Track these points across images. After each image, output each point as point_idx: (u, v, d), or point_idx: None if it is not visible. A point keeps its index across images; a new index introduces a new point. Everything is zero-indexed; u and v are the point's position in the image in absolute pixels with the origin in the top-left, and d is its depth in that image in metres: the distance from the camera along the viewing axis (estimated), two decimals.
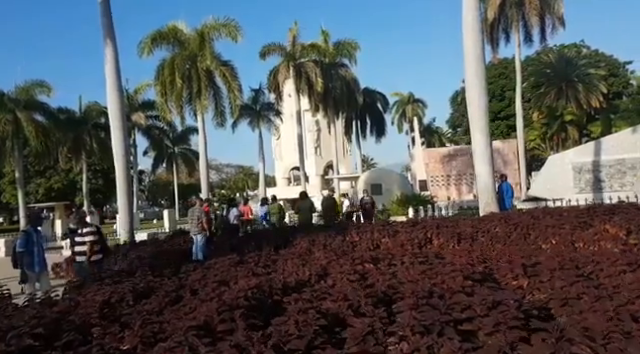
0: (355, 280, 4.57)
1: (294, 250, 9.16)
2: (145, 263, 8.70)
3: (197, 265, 7.61)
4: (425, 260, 5.39)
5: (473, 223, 9.47)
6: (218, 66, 23.44)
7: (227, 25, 23.06)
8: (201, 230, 11.81)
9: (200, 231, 11.80)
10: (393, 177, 28.47)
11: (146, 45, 22.38)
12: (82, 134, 36.26)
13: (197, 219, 11.99)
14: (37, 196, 45.70)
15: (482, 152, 13.67)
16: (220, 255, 8.80)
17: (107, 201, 54.16)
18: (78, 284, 6.95)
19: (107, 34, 14.76)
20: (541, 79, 43.66)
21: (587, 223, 7.86)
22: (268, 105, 35.24)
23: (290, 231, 12.58)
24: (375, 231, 9.80)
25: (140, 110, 39.90)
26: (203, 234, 11.83)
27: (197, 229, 11.90)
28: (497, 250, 7.65)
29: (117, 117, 14.86)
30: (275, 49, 31.09)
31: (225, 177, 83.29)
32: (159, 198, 73.16)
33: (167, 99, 23.28)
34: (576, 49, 49.19)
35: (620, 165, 21.70)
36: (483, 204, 13.44)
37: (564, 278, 3.76)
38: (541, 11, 27.41)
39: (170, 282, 5.82)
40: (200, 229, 11.81)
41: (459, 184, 43.09)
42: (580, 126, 43.13)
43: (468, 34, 13.67)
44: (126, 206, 14.89)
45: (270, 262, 6.89)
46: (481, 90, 13.75)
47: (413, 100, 54.62)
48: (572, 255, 5.21)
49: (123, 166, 14.92)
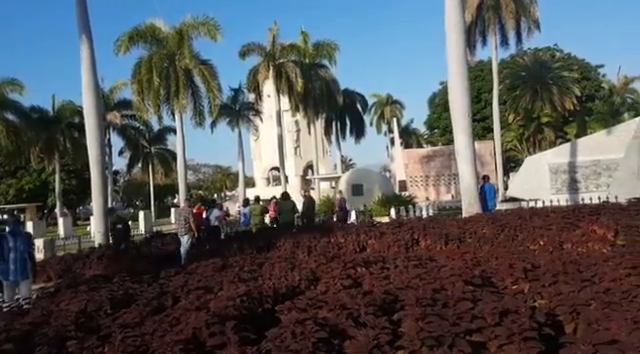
0: (349, 285, 4.37)
1: (279, 253, 8.92)
2: (122, 268, 8.33)
3: (179, 269, 7.30)
4: (418, 263, 5.22)
5: (459, 224, 9.39)
6: (197, 65, 22.98)
7: (206, 24, 22.63)
8: (188, 231, 11.81)
9: (187, 232, 11.79)
10: (374, 177, 28.44)
11: (123, 43, 21.77)
12: (55, 134, 35.23)
13: (184, 220, 11.95)
14: (7, 197, 44.16)
15: (465, 153, 13.66)
16: (202, 258, 8.51)
17: (80, 202, 52.72)
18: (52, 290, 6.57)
19: (83, 31, 14.28)
20: (516, 81, 44.33)
21: (574, 224, 7.84)
22: (248, 105, 34.84)
23: (272, 233, 12.35)
24: (361, 232, 9.63)
25: (116, 109, 38.96)
26: (190, 235, 11.80)
27: (184, 230, 11.81)
28: (485, 251, 7.57)
29: (93, 116, 14.35)
30: (255, 49, 30.79)
31: (202, 177, 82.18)
32: (134, 199, 71.65)
33: (144, 98, 22.68)
34: (550, 52, 50.15)
35: (595, 166, 22.08)
36: (466, 205, 13.42)
37: (569, 282, 3.63)
38: (517, 14, 27.79)
39: (150, 289, 5.52)
40: (187, 230, 11.81)
41: (437, 184, 43.48)
42: (556, 128, 43.97)
43: (451, 36, 13.64)
44: (101, 207, 14.37)
45: (256, 266, 6.63)
46: (464, 91, 13.74)
47: (391, 101, 54.94)
48: (572, 257, 5.11)
49: (98, 167, 14.41)
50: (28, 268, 7.48)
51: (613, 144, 20.90)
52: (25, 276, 7.43)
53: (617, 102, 46.46)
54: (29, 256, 7.55)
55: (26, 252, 7.46)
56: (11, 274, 7.30)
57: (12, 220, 8.06)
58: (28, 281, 7.52)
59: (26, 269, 7.44)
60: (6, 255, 7.29)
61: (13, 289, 7.36)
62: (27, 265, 7.45)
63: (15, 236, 7.48)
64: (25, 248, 7.46)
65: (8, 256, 7.29)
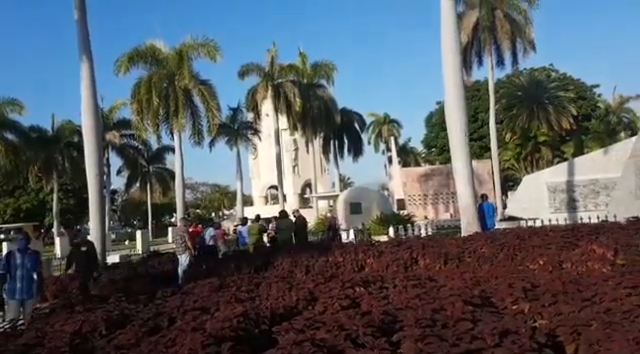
0: (347, 306, 4.32)
1: (276, 272, 8.85)
2: (119, 288, 8.25)
3: (175, 289, 7.23)
4: (417, 283, 5.18)
5: (458, 243, 9.34)
6: (196, 85, 23.20)
7: (206, 45, 22.93)
8: (185, 249, 11.77)
9: (184, 251, 11.76)
10: (372, 196, 28.37)
11: (123, 63, 22.01)
12: (54, 153, 35.28)
13: (181, 239, 11.94)
14: (5, 216, 43.99)
15: (462, 172, 13.68)
16: (199, 278, 8.43)
17: (78, 221, 52.48)
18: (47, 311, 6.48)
19: (83, 51, 14.42)
20: (513, 101, 44.77)
21: (573, 243, 7.80)
22: (246, 124, 35.04)
23: (270, 252, 12.26)
24: (359, 251, 9.57)
25: (115, 129, 39.12)
26: (187, 253, 11.76)
27: (181, 249, 11.88)
28: (485, 271, 7.52)
29: (92, 136, 14.37)
30: (253, 69, 31.16)
31: (200, 196, 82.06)
32: (132, 218, 71.39)
33: (143, 118, 22.82)
34: (546, 72, 50.77)
35: (593, 185, 22.12)
36: (465, 224, 13.39)
37: (569, 302, 3.60)
38: (512, 35, 28.18)
39: (146, 309, 5.45)
40: (184, 248, 11.78)
41: (436, 203, 43.48)
42: (553, 147, 44.22)
43: (447, 57, 13.78)
44: (98, 228, 14.30)
45: (253, 286, 6.57)
46: (460, 111, 13.83)
47: (389, 120, 55.34)
48: (572, 277, 5.07)
49: (97, 186, 14.38)
50: (34, 287, 7.28)
51: (610, 163, 20.97)
52: (30, 295, 7.22)
53: (613, 121, 46.87)
54: (37, 275, 7.36)
55: (33, 270, 7.27)
56: (17, 292, 7.10)
57: (21, 237, 7.87)
58: (33, 300, 7.31)
59: (32, 288, 7.23)
60: (13, 272, 7.10)
61: (17, 308, 7.13)
62: (33, 284, 7.25)
63: (23, 253, 7.29)
64: (32, 266, 7.26)
65: (15, 273, 7.10)
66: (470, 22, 28.09)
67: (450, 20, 13.77)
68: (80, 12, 14.50)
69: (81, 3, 14.51)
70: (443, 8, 13.72)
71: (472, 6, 28.42)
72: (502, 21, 27.61)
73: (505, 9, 27.98)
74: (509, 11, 28.03)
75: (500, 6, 27.97)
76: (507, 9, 28.02)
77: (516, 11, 27.97)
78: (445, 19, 13.72)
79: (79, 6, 14.49)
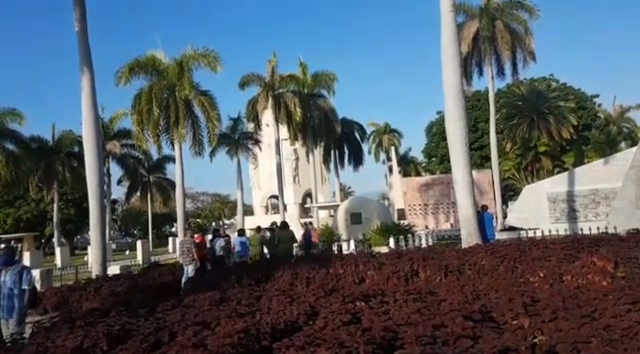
0: (348, 321, 4.33)
1: (277, 285, 8.84)
2: (119, 301, 8.24)
3: (175, 303, 7.22)
4: (418, 297, 5.19)
5: (459, 255, 9.34)
6: (197, 95, 23.29)
7: (206, 55, 23.05)
8: (192, 260, 11.83)
9: (191, 261, 11.82)
10: (373, 206, 28.37)
11: (123, 74, 22.12)
12: (54, 163, 35.37)
13: (187, 250, 12.01)
14: (5, 227, 43.91)
15: (463, 182, 13.69)
16: (200, 290, 8.43)
17: (78, 231, 52.45)
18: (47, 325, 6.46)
19: (84, 62, 14.49)
20: (513, 111, 44.90)
21: (573, 255, 7.81)
22: (247, 134, 35.14)
23: (270, 264, 12.24)
24: (360, 263, 9.56)
25: (115, 139, 39.27)
26: (194, 264, 11.82)
27: (188, 259, 11.84)
28: (485, 284, 7.51)
29: (92, 146, 14.41)
30: (254, 79, 31.30)
31: (201, 206, 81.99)
32: (132, 228, 71.34)
33: (144, 128, 22.88)
34: (546, 82, 50.96)
35: (594, 195, 22.15)
36: (465, 235, 13.38)
37: (568, 318, 3.61)
38: (512, 46, 28.31)
39: (147, 323, 5.45)
40: (191, 259, 11.84)
41: (436, 213, 43.46)
42: (553, 157, 44.27)
43: (448, 67, 13.86)
44: (99, 238, 14.29)
45: (254, 299, 6.57)
46: (460, 121, 13.87)
47: (389, 130, 55.50)
48: (572, 292, 5.08)
49: (97, 196, 14.39)
50: (15, 308, 6.56)
51: (611, 173, 21.03)
52: (10, 315, 6.57)
53: (613, 131, 46.97)
54: (26, 292, 6.64)
55: (15, 288, 6.58)
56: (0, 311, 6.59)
57: (4, 252, 7.24)
58: (13, 321, 6.58)
59: (12, 308, 6.55)
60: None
61: (5, 326, 6.66)
62: (14, 304, 6.56)
63: (6, 269, 6.70)
64: (13, 283, 6.59)
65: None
66: (470, 32, 28.25)
67: (450, 30, 13.87)
68: (81, 24, 14.60)
69: (82, 15, 14.62)
70: (443, 19, 13.83)
71: (472, 16, 28.63)
72: (502, 32, 27.76)
73: (505, 20, 28.15)
74: (509, 22, 28.18)
75: (500, 17, 28.16)
76: (507, 20, 28.19)
77: (516, 22, 28.13)
78: (445, 29, 13.83)
79: (80, 18, 14.59)
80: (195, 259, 12.08)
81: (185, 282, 11.56)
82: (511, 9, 28.20)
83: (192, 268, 11.94)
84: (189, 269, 11.97)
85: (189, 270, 11.94)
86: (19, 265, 6.99)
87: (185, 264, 12.19)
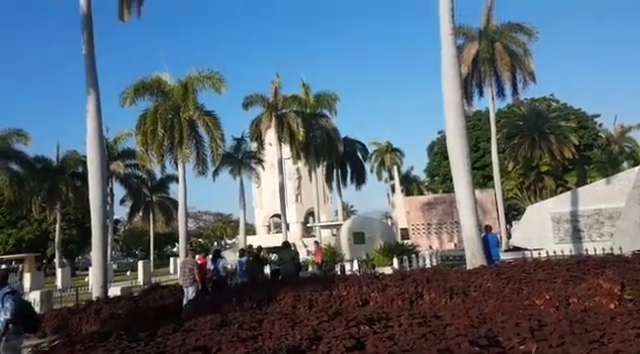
0: (351, 346, 4.26)
1: (279, 307, 8.74)
2: (120, 323, 8.14)
3: (176, 326, 7.12)
4: (423, 321, 5.11)
5: (464, 277, 9.24)
6: (201, 116, 23.45)
7: (211, 77, 23.29)
8: (193, 282, 11.66)
9: (192, 283, 11.66)
10: (375, 225, 28.23)
11: (129, 95, 22.32)
12: (58, 183, 35.45)
13: (189, 271, 11.83)
14: (6, 247, 43.77)
15: (466, 202, 13.60)
16: (201, 313, 8.33)
17: (80, 252, 52.23)
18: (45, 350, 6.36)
19: (90, 84, 14.67)
20: (514, 131, 44.99)
21: (579, 277, 7.71)
22: (250, 153, 35.29)
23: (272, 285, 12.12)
24: (363, 285, 9.46)
25: (119, 159, 39.45)
26: (195, 286, 11.65)
27: (189, 281, 11.66)
28: (491, 306, 7.41)
29: (96, 167, 14.45)
30: (257, 100, 31.63)
31: (203, 225, 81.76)
32: (134, 248, 71.03)
33: (148, 148, 22.99)
34: (546, 102, 51.21)
35: (597, 215, 21.98)
36: (469, 255, 13.24)
37: (576, 344, 3.54)
38: (512, 67, 28.50)
39: (148, 348, 5.38)
40: (192, 281, 11.67)
41: (440, 233, 43.18)
42: (556, 176, 44.18)
43: (448, 88, 13.93)
44: (101, 259, 14.21)
45: (255, 323, 6.48)
46: (462, 141, 13.85)
47: (391, 149, 55.60)
48: (579, 315, 5.00)
49: (100, 217, 14.37)
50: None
51: (614, 193, 20.90)
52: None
53: (615, 151, 46.96)
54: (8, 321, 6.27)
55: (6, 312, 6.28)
56: None
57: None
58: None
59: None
60: None
61: None
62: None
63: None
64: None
65: None
66: (470, 54, 28.52)
67: (450, 53, 13.99)
68: (88, 46, 14.85)
69: (89, 38, 14.88)
70: (443, 41, 13.96)
71: (472, 39, 28.92)
72: (502, 53, 28.01)
73: (504, 42, 28.43)
74: (508, 44, 28.46)
75: (499, 39, 28.44)
76: (506, 42, 28.47)
77: (515, 44, 28.39)
78: (445, 52, 13.95)
79: (87, 40, 14.86)
80: (196, 280, 11.91)
81: (186, 304, 11.41)
82: (510, 31, 28.51)
83: (193, 290, 11.77)
84: (189, 291, 11.78)
85: (190, 292, 11.76)
86: (4, 290, 6.62)
87: (185, 286, 11.99)
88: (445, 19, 13.83)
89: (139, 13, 17.19)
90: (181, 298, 12.29)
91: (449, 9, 13.79)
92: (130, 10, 16.93)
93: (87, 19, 14.82)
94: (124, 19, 16.94)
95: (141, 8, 17.18)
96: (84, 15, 14.81)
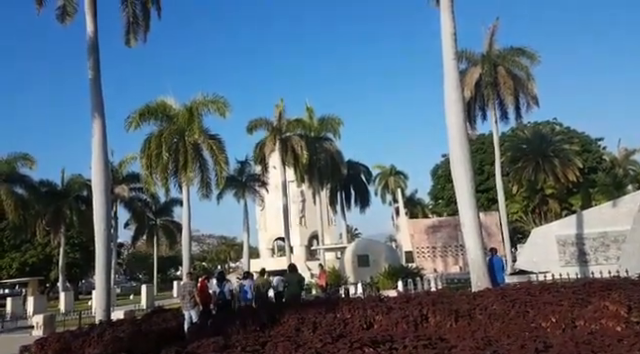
0: None
1: (283, 330, 8.68)
2: (122, 347, 8.10)
3: (179, 349, 7.09)
4: (428, 343, 5.08)
5: (469, 299, 9.15)
6: (206, 140, 23.65)
7: (216, 102, 23.58)
8: (194, 305, 11.60)
9: (193, 306, 11.58)
10: (380, 248, 28.05)
11: (134, 120, 22.58)
12: (62, 207, 35.60)
13: (189, 294, 11.78)
14: (10, 271, 43.59)
15: (470, 226, 13.57)
16: (204, 335, 8.28)
17: (83, 275, 51.98)
18: None
19: (95, 109, 14.84)
20: (518, 154, 45.05)
21: (585, 300, 7.64)
22: (254, 176, 35.42)
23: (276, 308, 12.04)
24: (368, 308, 9.39)
25: (124, 182, 39.63)
26: (197, 309, 11.58)
27: (190, 304, 11.62)
28: (496, 329, 7.34)
29: (101, 191, 14.50)
30: (262, 123, 31.96)
31: (207, 248, 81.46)
32: (137, 272, 70.68)
33: (152, 171, 23.14)
34: (550, 126, 51.41)
35: (603, 238, 21.81)
36: (475, 279, 13.16)
37: None
38: (515, 91, 28.62)
39: None
40: (193, 304, 11.60)
41: (445, 255, 42.91)
42: (561, 199, 44.03)
43: (451, 112, 14.05)
44: (104, 283, 14.17)
45: (259, 346, 6.45)
46: (466, 165, 13.91)
47: (395, 172, 55.72)
48: (586, 337, 4.96)
49: (104, 241, 14.37)
50: None
51: (620, 216, 20.80)
52: None
53: (620, 174, 46.91)
54: None
55: None
56: None
57: None
58: None
59: None
60: None
61: None
62: None
63: None
64: None
65: None
66: (473, 78, 28.75)
67: (453, 77, 14.18)
68: (94, 72, 15.04)
69: (96, 64, 15.08)
70: (446, 65, 14.16)
71: (474, 63, 29.21)
72: (504, 77, 28.21)
73: (507, 66, 28.67)
74: (511, 68, 28.71)
75: (502, 63, 28.70)
76: (509, 66, 28.72)
77: (518, 68, 28.66)
78: (448, 76, 14.14)
79: (94, 66, 15.04)
80: (197, 303, 11.82)
81: (189, 327, 11.33)
82: (512, 56, 28.77)
83: (195, 312, 11.68)
84: (192, 313, 11.68)
85: (192, 314, 11.66)
86: None
87: (185, 309, 11.88)
88: (447, 44, 14.07)
89: (145, 39, 17.46)
90: (183, 321, 12.21)
91: (451, 34, 14.05)
92: (136, 36, 17.21)
93: (93, 45, 15.02)
94: (130, 45, 17.23)
95: (147, 34, 17.47)
96: (91, 41, 14.99)
